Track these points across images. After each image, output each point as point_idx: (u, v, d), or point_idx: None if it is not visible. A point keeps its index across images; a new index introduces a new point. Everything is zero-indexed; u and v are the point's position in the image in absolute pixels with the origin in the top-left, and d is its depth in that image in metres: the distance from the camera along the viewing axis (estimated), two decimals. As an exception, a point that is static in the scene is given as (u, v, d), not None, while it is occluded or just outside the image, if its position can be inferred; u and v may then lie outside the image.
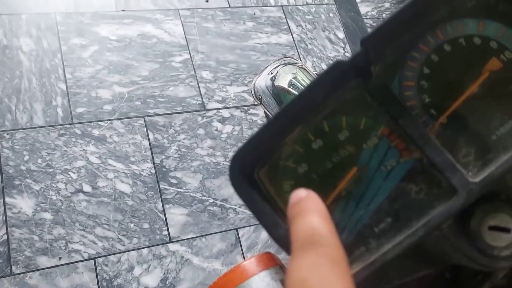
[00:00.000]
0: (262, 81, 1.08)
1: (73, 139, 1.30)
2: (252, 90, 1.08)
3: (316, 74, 1.06)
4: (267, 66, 1.07)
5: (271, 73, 1.05)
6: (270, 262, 0.52)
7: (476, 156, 0.30)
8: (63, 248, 1.19)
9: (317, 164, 0.32)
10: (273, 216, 0.29)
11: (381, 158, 0.31)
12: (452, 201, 0.29)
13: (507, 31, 0.30)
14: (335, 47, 1.76)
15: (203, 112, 1.48)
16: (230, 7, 1.70)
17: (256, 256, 0.53)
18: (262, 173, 0.31)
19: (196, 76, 1.52)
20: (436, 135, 0.30)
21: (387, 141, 0.31)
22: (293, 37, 1.73)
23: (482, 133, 0.30)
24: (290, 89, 1.00)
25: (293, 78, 1.02)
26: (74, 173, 1.27)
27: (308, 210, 0.26)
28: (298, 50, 1.71)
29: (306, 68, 1.03)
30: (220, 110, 1.51)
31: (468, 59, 0.31)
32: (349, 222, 0.31)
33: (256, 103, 1.13)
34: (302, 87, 0.99)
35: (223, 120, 1.49)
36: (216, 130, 1.47)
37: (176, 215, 1.31)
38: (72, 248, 1.19)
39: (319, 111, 0.31)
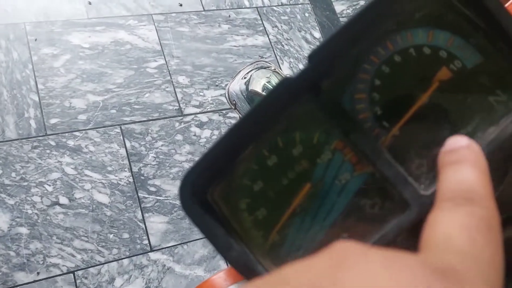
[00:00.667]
0: (236, 85, 1.07)
1: (48, 151, 1.28)
2: (227, 95, 1.07)
3: (288, 77, 1.05)
4: (240, 71, 1.06)
5: (245, 78, 1.05)
6: (238, 276, 0.51)
7: (428, 168, 0.29)
8: (41, 262, 1.17)
9: (273, 180, 0.31)
10: (226, 238, 0.29)
11: (335, 173, 0.31)
12: (405, 215, 0.28)
13: (456, 40, 0.30)
14: (311, 47, 1.76)
15: (181, 117, 1.47)
16: (204, 10, 1.69)
17: (225, 270, 0.52)
18: (215, 193, 0.31)
19: (172, 81, 1.51)
20: (389, 148, 0.30)
21: (341, 155, 0.31)
22: (269, 39, 1.72)
23: (434, 144, 0.30)
24: (263, 93, 1.00)
25: (267, 82, 1.02)
26: (49, 185, 1.25)
27: (469, 161, 0.23)
28: (275, 51, 1.71)
29: (279, 72, 1.02)
30: (198, 115, 1.50)
31: (418, 69, 0.30)
32: (305, 239, 0.30)
33: (231, 108, 1.13)
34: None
35: (201, 125, 1.48)
36: (195, 135, 1.46)
37: (156, 223, 1.29)
38: (50, 262, 1.17)
39: (271, 128, 0.30)
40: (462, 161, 0.24)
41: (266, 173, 0.31)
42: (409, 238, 0.30)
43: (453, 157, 0.24)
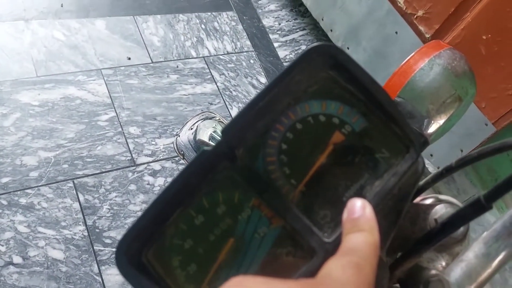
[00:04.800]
0: (184, 136, 1.12)
1: None
2: (175, 145, 1.12)
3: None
4: (187, 122, 1.11)
5: (192, 128, 1.10)
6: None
7: (331, 217, 0.35)
8: (-4, 325, 1.15)
9: (201, 238, 0.35)
10: None
11: (254, 227, 0.35)
12: (313, 260, 0.33)
13: (345, 108, 0.36)
14: (258, 91, 1.83)
15: (133, 167, 1.49)
16: (152, 62, 1.74)
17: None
18: (150, 255, 0.35)
19: (123, 132, 1.54)
20: (297, 202, 0.35)
21: (258, 211, 0.35)
22: (217, 86, 1.79)
23: (334, 198, 0.35)
24: (210, 142, 1.05)
25: (213, 132, 1.07)
26: (2, 245, 1.24)
27: (362, 231, 0.31)
28: (224, 97, 1.77)
29: (224, 121, 1.08)
30: (151, 164, 1.53)
31: (316, 134, 0.36)
32: None
33: (180, 158, 1.17)
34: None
35: (154, 173, 1.51)
36: (148, 184, 1.49)
37: (113, 275, 1.30)
38: (6, 323, 1.16)
39: (195, 193, 0.35)
40: (358, 230, 0.31)
41: (195, 231, 0.35)
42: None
43: (353, 228, 0.32)
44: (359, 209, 0.32)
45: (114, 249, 1.33)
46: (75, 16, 1.72)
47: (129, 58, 1.70)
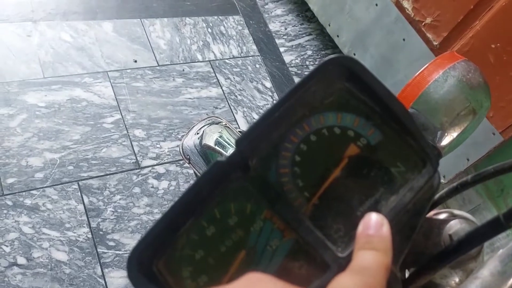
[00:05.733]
0: (190, 141, 1.12)
1: (4, 211, 1.28)
2: (181, 150, 1.11)
3: (239, 131, 1.11)
4: (193, 126, 1.11)
5: (198, 133, 1.10)
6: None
7: (345, 232, 0.34)
8: (-2, 326, 1.15)
9: (213, 249, 0.35)
10: None
11: (266, 239, 0.35)
12: (326, 275, 0.33)
13: (360, 121, 0.36)
14: (263, 96, 1.83)
15: (138, 170, 1.49)
16: (158, 65, 1.74)
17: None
18: (160, 264, 0.34)
19: (128, 135, 1.54)
20: (310, 216, 0.35)
21: (270, 223, 0.35)
22: (222, 90, 1.79)
23: (348, 212, 0.35)
24: (216, 147, 1.05)
25: (219, 137, 1.07)
26: (7, 246, 1.24)
27: (375, 249, 0.31)
28: (229, 102, 1.77)
29: (230, 127, 1.08)
30: (155, 167, 1.52)
31: (331, 146, 0.36)
32: None
33: (185, 162, 1.17)
34: (228, 145, 1.03)
35: (158, 177, 1.51)
36: (152, 187, 1.48)
37: (116, 278, 1.30)
38: (8, 325, 1.15)
39: (207, 203, 0.35)
40: (372, 248, 0.31)
41: (206, 242, 0.35)
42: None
43: (366, 245, 0.31)
44: (375, 225, 0.31)
45: (117, 252, 1.33)
46: (83, 18, 1.73)
47: (136, 61, 1.70)
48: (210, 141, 1.07)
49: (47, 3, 1.70)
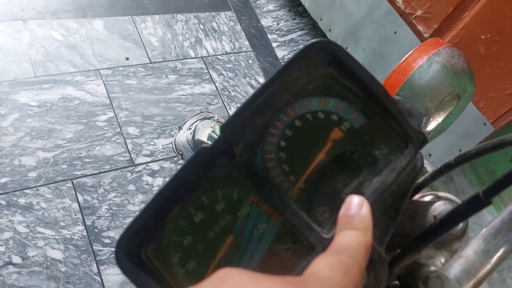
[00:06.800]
0: (183, 136, 1.12)
1: (-2, 211, 1.27)
2: (173, 145, 1.12)
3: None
4: (185, 122, 1.11)
5: (190, 128, 1.10)
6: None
7: (330, 214, 0.35)
8: (-6, 325, 1.15)
9: (201, 235, 0.35)
10: None
11: (254, 224, 0.35)
12: (312, 257, 0.33)
13: (343, 105, 0.36)
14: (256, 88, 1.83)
15: (132, 167, 1.49)
16: (151, 62, 1.74)
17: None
18: (149, 251, 0.35)
19: (122, 132, 1.54)
20: (296, 199, 0.35)
21: (257, 208, 0.35)
22: (216, 86, 1.79)
23: (333, 194, 0.35)
24: (209, 142, 1.05)
25: (212, 132, 1.07)
26: (1, 245, 1.24)
27: (355, 229, 0.31)
28: (222, 97, 1.77)
29: (222, 121, 1.08)
30: (149, 164, 1.53)
31: (315, 130, 0.36)
32: None
33: (178, 158, 1.17)
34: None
35: (153, 174, 1.51)
36: (147, 184, 1.48)
37: (113, 275, 1.30)
38: (4, 324, 1.16)
39: (194, 190, 0.35)
40: (351, 228, 0.31)
41: (194, 228, 0.35)
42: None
43: (347, 225, 0.32)
44: (355, 206, 0.32)
45: (113, 249, 1.33)
46: (73, 16, 1.72)
47: (128, 58, 1.70)
48: (203, 136, 1.07)
49: (37, 2, 1.70)
